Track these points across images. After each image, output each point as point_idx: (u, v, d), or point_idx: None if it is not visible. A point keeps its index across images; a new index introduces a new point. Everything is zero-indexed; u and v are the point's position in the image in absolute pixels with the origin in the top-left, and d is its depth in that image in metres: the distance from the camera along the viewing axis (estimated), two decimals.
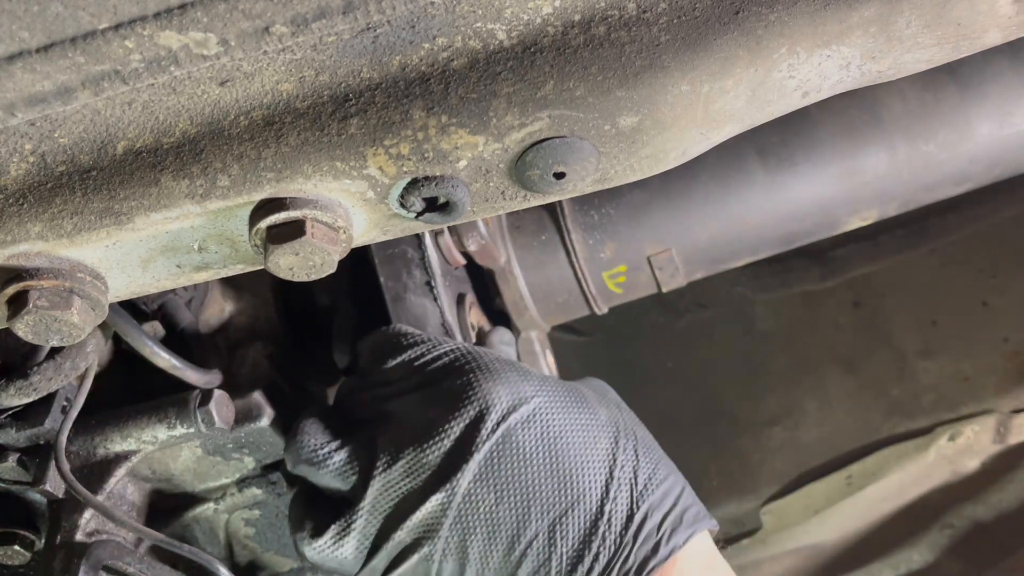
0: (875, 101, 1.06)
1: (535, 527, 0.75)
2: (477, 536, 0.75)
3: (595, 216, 1.09)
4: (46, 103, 0.49)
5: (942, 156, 1.06)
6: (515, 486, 0.75)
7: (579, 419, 0.79)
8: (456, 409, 0.76)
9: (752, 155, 1.08)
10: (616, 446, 0.78)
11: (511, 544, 0.75)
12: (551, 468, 0.75)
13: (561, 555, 0.74)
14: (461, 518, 0.75)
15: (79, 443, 0.80)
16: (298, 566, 1.00)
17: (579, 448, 0.77)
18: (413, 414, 0.78)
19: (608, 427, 0.80)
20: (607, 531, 0.75)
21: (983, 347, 1.40)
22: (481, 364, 0.80)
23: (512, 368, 0.80)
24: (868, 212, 1.10)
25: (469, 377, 0.78)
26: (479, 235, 1.01)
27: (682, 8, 0.53)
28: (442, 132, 0.53)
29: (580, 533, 0.75)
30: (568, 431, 0.77)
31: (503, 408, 0.76)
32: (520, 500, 0.75)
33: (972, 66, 1.05)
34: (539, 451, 0.76)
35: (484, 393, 0.76)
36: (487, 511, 0.75)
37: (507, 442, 0.75)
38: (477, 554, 0.75)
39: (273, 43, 0.48)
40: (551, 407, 0.78)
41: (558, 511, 0.75)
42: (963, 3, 0.54)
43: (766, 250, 1.12)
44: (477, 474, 0.75)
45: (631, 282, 1.11)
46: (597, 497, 0.75)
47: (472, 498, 0.75)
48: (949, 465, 1.38)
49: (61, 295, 0.56)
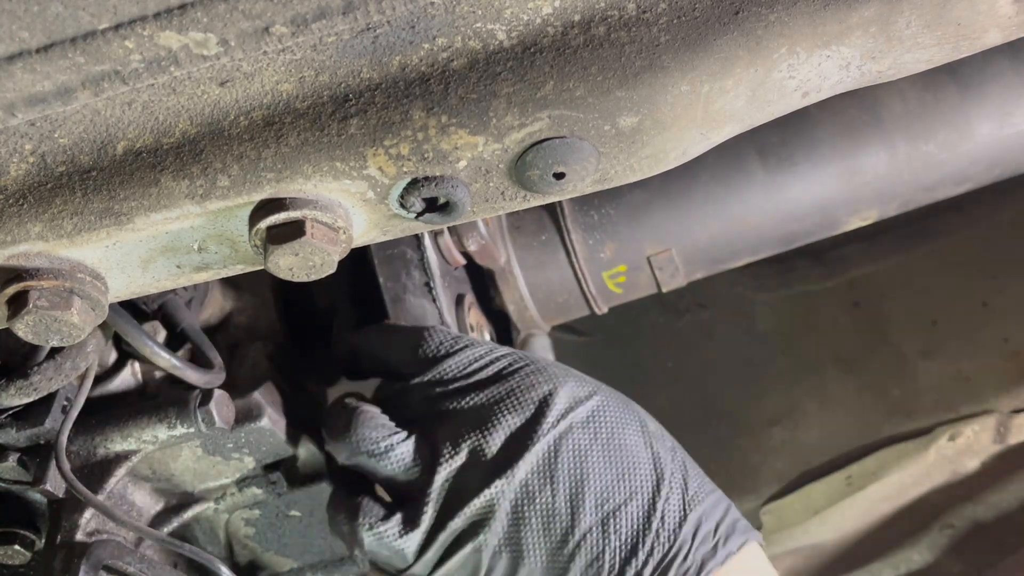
0: (875, 101, 1.06)
1: (589, 520, 0.76)
2: (531, 527, 0.76)
3: (595, 216, 1.09)
4: (46, 103, 0.49)
5: (942, 156, 1.06)
6: (571, 480, 0.76)
7: (632, 423, 0.81)
8: (518, 405, 0.78)
9: (752, 155, 1.08)
10: (666, 453, 0.81)
11: (565, 536, 0.76)
12: (606, 464, 0.77)
13: (615, 548, 0.76)
14: (516, 508, 0.76)
15: (79, 443, 0.80)
16: (298, 566, 1.00)
17: (633, 449, 0.79)
18: (474, 410, 0.80)
19: (658, 436, 0.82)
20: (661, 528, 0.76)
21: (983, 347, 1.40)
22: (541, 367, 0.82)
23: (569, 372, 0.83)
24: (868, 212, 1.10)
25: (530, 379, 0.81)
26: (479, 235, 1.01)
27: (682, 8, 0.53)
28: (442, 132, 0.53)
29: (634, 528, 0.76)
30: (622, 432, 0.80)
31: (563, 406, 0.78)
32: (575, 493, 0.76)
33: (972, 66, 1.05)
34: (595, 448, 0.78)
35: (545, 392, 0.79)
36: (543, 503, 0.76)
37: (565, 438, 0.77)
38: (530, 545, 0.76)
39: (273, 43, 0.48)
40: (607, 409, 0.81)
41: (612, 506, 0.76)
42: (963, 3, 0.54)
43: (766, 250, 1.12)
44: (535, 466, 0.76)
45: (631, 282, 1.12)
46: (650, 495, 0.77)
47: (528, 489, 0.76)
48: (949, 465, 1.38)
49: (61, 295, 0.56)
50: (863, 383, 1.46)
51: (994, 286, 1.40)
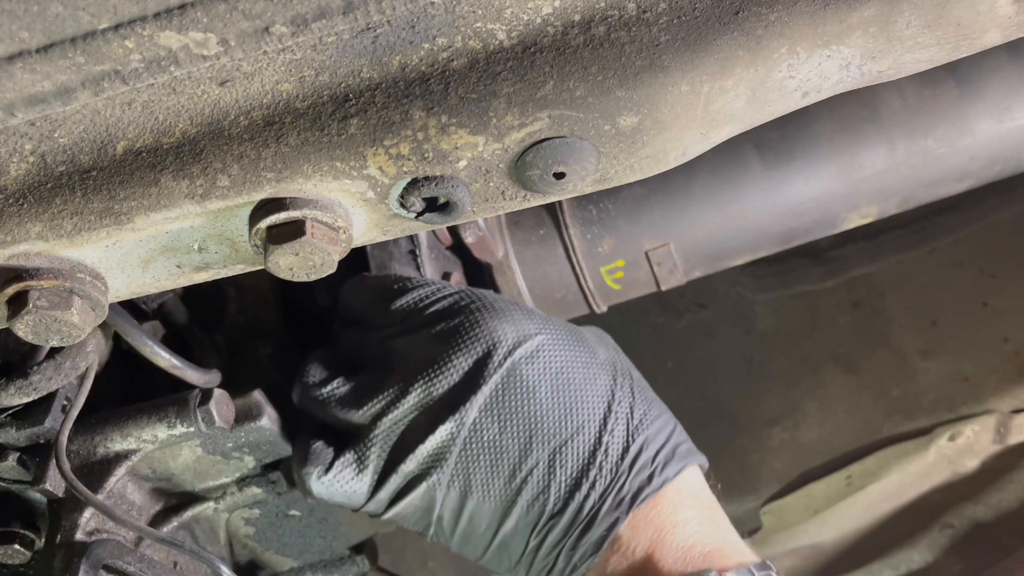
0: (874, 97, 1.06)
1: (536, 456, 0.77)
2: (481, 464, 0.77)
3: (593, 211, 1.09)
4: (46, 103, 0.49)
5: (941, 152, 1.06)
6: (519, 417, 0.78)
7: (580, 356, 0.82)
8: (464, 344, 0.79)
9: (751, 150, 1.07)
10: (614, 383, 0.81)
11: (513, 472, 0.77)
12: (553, 401, 0.78)
13: (560, 483, 0.77)
14: (467, 447, 0.77)
15: (79, 442, 0.80)
16: (298, 565, 1.00)
17: (580, 383, 0.80)
18: (420, 351, 0.80)
19: (606, 366, 0.83)
20: (604, 461, 0.77)
21: (983, 347, 1.39)
22: (487, 303, 0.82)
23: (516, 307, 0.83)
24: (868, 209, 1.10)
25: (476, 316, 0.81)
26: (476, 227, 1.01)
27: (682, 8, 0.53)
28: (442, 132, 0.53)
29: (579, 462, 0.77)
30: (570, 367, 0.80)
31: (509, 344, 0.79)
32: (523, 430, 0.77)
33: (971, 62, 1.04)
34: (542, 384, 0.78)
35: (491, 330, 0.79)
36: (491, 440, 0.77)
37: (512, 376, 0.78)
38: (480, 481, 0.78)
39: (273, 43, 0.48)
40: (554, 344, 0.81)
41: (558, 441, 0.78)
42: (963, 3, 0.54)
43: (766, 248, 1.12)
44: (483, 406, 0.77)
45: (629, 278, 1.11)
46: (596, 429, 0.78)
47: (478, 428, 0.77)
48: (949, 465, 1.38)
49: (61, 295, 0.56)
50: (863, 383, 1.46)
51: (994, 286, 1.40)
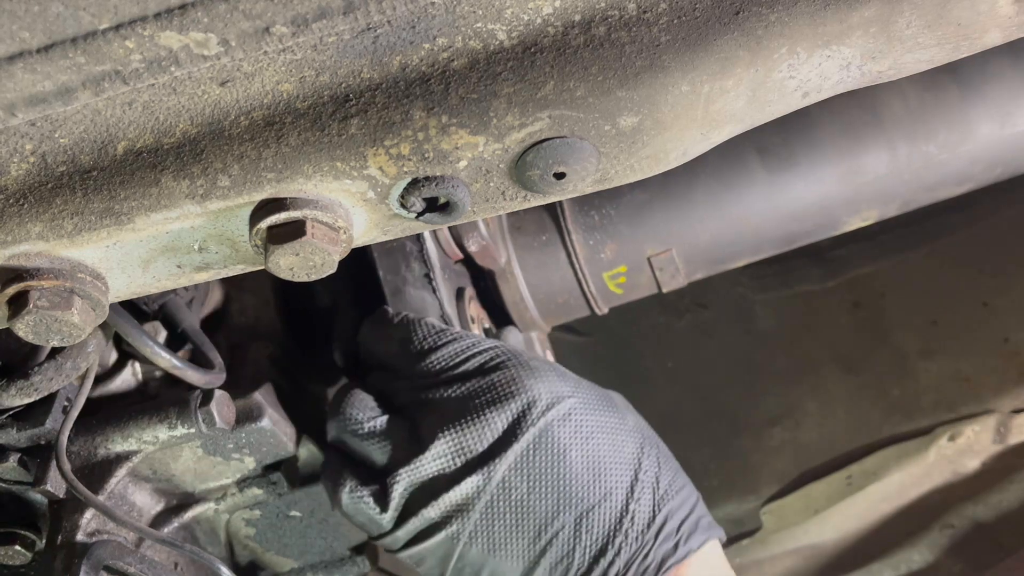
0: (876, 101, 1.06)
1: (563, 518, 0.78)
2: (506, 522, 0.78)
3: (595, 217, 1.09)
4: (47, 103, 0.49)
5: (943, 156, 1.06)
6: (548, 478, 0.78)
7: (610, 421, 0.83)
8: (499, 400, 0.80)
9: (753, 155, 1.08)
10: (642, 451, 0.82)
11: (538, 533, 0.78)
12: (583, 464, 0.79)
13: (585, 547, 0.78)
14: (493, 503, 0.78)
15: (80, 443, 0.80)
16: (298, 566, 1.00)
17: (609, 448, 0.81)
18: (456, 403, 0.81)
19: (635, 433, 0.84)
20: (631, 528, 0.78)
21: (983, 347, 1.40)
22: (523, 361, 0.83)
23: (551, 367, 0.84)
24: (869, 212, 1.10)
25: (512, 373, 0.82)
26: (479, 235, 1.01)
27: (682, 8, 0.53)
28: (442, 132, 0.53)
29: (605, 528, 0.78)
30: (600, 431, 0.81)
31: (544, 404, 0.80)
32: (551, 491, 0.78)
33: (973, 66, 1.05)
34: (573, 447, 0.79)
35: (527, 388, 0.80)
36: (519, 499, 0.78)
37: (544, 436, 0.79)
38: (503, 539, 0.78)
39: (273, 43, 0.48)
40: (585, 407, 0.82)
41: (586, 505, 0.78)
42: (963, 3, 0.54)
43: (767, 250, 1.13)
44: (513, 464, 0.78)
45: (631, 282, 1.12)
46: (623, 496, 0.79)
47: (506, 486, 0.78)
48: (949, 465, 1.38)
49: (61, 295, 0.56)
50: (863, 383, 1.46)
51: (994, 286, 1.40)
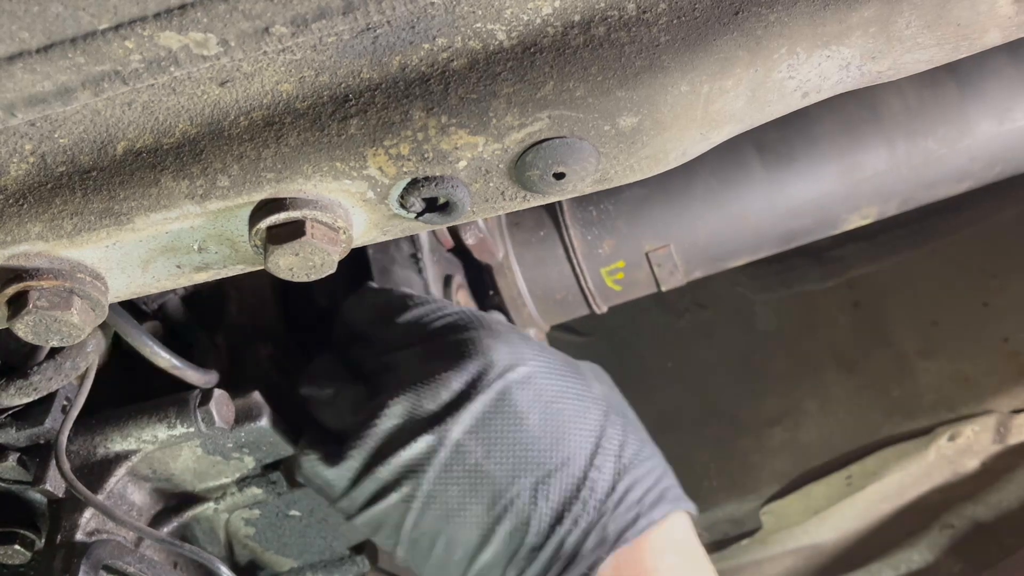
0: (874, 98, 1.06)
1: (520, 484, 0.76)
2: (461, 486, 0.76)
3: (594, 212, 1.09)
4: (46, 103, 0.49)
5: (942, 153, 1.05)
6: (504, 442, 0.76)
7: (573, 387, 0.80)
8: (457, 362, 0.78)
9: (751, 152, 1.07)
10: (606, 419, 0.80)
11: (494, 499, 0.76)
12: (542, 429, 0.77)
13: (542, 515, 0.76)
14: (448, 466, 0.76)
15: (79, 443, 0.80)
16: (298, 566, 1.00)
17: (570, 414, 0.78)
18: (414, 365, 0.80)
19: (599, 400, 0.81)
20: (589, 497, 0.76)
21: (983, 347, 1.40)
22: (485, 324, 0.82)
23: (514, 331, 0.83)
24: (868, 210, 1.10)
25: (472, 334, 0.80)
26: (477, 229, 1.01)
27: (682, 8, 0.53)
28: (442, 132, 0.53)
29: (563, 495, 0.76)
30: (562, 397, 0.79)
31: (503, 366, 0.78)
32: (508, 456, 0.76)
33: (971, 63, 1.04)
34: (533, 412, 0.77)
35: (485, 349, 0.79)
36: (474, 463, 0.76)
37: (502, 399, 0.77)
38: (458, 505, 0.76)
39: (273, 44, 0.48)
40: (549, 372, 0.80)
41: (544, 471, 0.76)
42: (963, 3, 0.54)
43: (766, 248, 1.12)
44: (470, 426, 0.76)
45: (630, 279, 1.11)
46: (583, 463, 0.77)
47: (461, 449, 0.76)
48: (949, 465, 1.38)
49: (61, 295, 0.56)
50: (863, 383, 1.46)
51: (994, 286, 1.40)
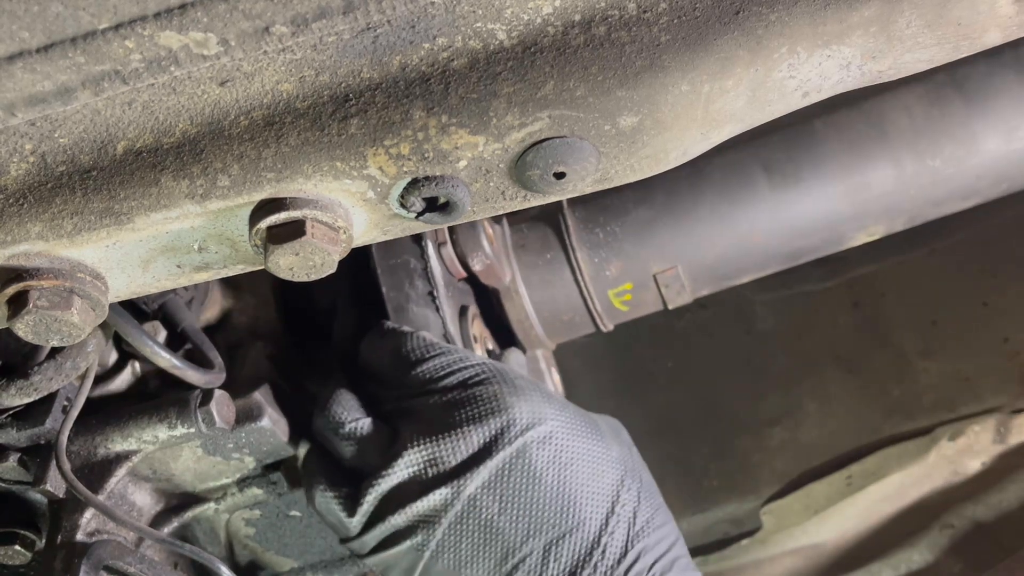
0: (881, 116, 1.05)
1: (532, 544, 0.77)
2: (473, 540, 0.77)
3: (600, 234, 1.08)
4: (46, 103, 0.49)
5: (949, 171, 1.04)
6: (520, 501, 0.77)
7: (592, 449, 0.81)
8: (478, 416, 0.79)
9: (758, 171, 1.07)
10: (621, 484, 0.81)
11: (505, 555, 0.77)
12: (558, 491, 0.77)
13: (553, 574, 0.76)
14: (462, 519, 0.77)
15: (80, 443, 0.80)
16: (298, 566, 1.00)
17: (587, 477, 0.79)
18: (436, 414, 0.81)
19: (617, 464, 0.82)
20: (600, 562, 0.76)
21: (983, 347, 1.40)
22: (507, 379, 0.82)
23: (536, 388, 0.83)
24: (875, 228, 1.09)
25: (495, 389, 0.81)
26: (483, 254, 1.00)
27: (682, 8, 0.53)
28: (442, 132, 0.53)
29: (574, 559, 0.76)
30: (579, 458, 0.79)
31: (523, 424, 0.78)
32: (522, 514, 0.77)
33: (978, 80, 1.04)
34: (549, 472, 0.78)
35: (508, 407, 0.79)
36: (488, 518, 0.77)
37: (520, 457, 0.77)
38: (469, 558, 0.77)
39: (273, 43, 0.48)
40: (567, 432, 0.80)
41: (556, 533, 0.77)
42: (963, 3, 0.54)
43: (773, 266, 1.11)
44: (486, 481, 0.77)
45: (637, 300, 1.11)
46: (596, 527, 0.77)
47: (476, 503, 0.76)
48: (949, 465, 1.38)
49: (61, 295, 0.56)
50: (863, 383, 1.46)
51: (994, 286, 1.40)
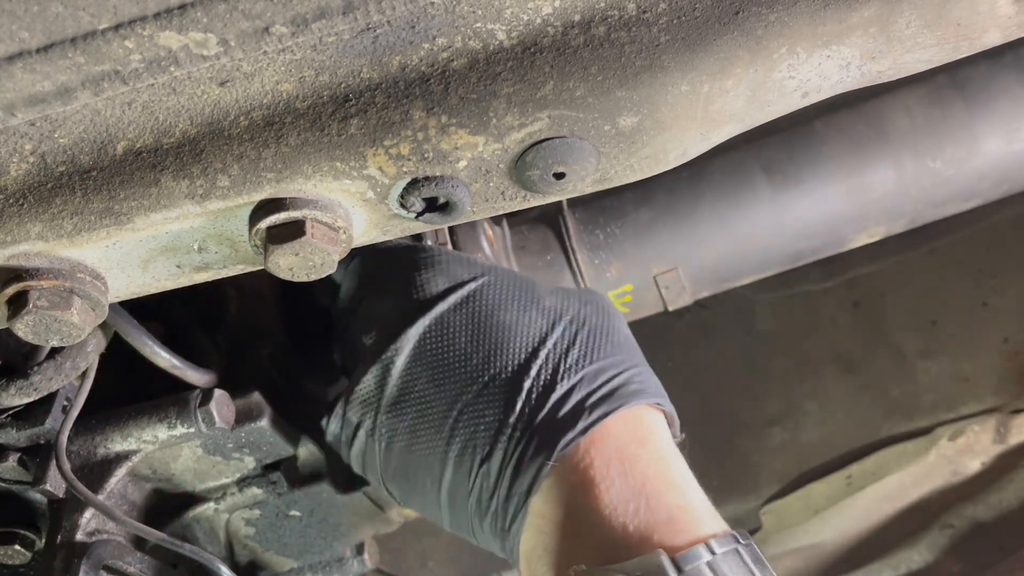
0: (882, 117, 1.05)
1: (461, 402, 0.75)
2: (411, 416, 0.77)
3: (600, 236, 1.08)
4: (46, 103, 0.49)
5: (950, 173, 1.04)
6: (442, 365, 0.76)
7: (516, 300, 0.79)
8: (398, 298, 0.80)
9: (758, 173, 1.06)
10: (553, 329, 0.77)
11: (441, 421, 0.75)
12: (476, 345, 0.76)
13: (483, 428, 0.73)
14: (397, 398, 0.77)
15: (79, 443, 0.80)
16: (298, 566, 1.00)
17: (507, 326, 0.77)
18: (367, 308, 0.84)
19: (549, 312, 0.79)
20: (525, 406, 0.73)
21: (983, 347, 1.40)
22: (427, 254, 0.83)
23: (455, 257, 0.83)
24: (876, 229, 1.09)
25: (413, 266, 0.82)
26: (483, 256, 1.00)
27: (682, 8, 0.53)
28: (442, 132, 0.53)
29: (499, 408, 0.73)
30: (499, 310, 0.78)
31: (438, 293, 0.79)
32: (447, 377, 0.76)
33: (979, 81, 1.04)
34: (467, 329, 0.77)
35: (423, 282, 0.80)
36: (420, 392, 0.77)
37: (439, 324, 0.78)
38: (410, 433, 0.77)
39: (273, 43, 0.48)
40: (487, 290, 0.80)
41: (479, 385, 0.75)
42: (963, 3, 0.54)
43: (773, 268, 1.11)
44: (411, 355, 0.77)
45: (637, 301, 1.10)
46: (516, 369, 0.74)
47: (408, 376, 0.77)
48: (949, 465, 1.38)
49: (61, 295, 0.56)
50: (863, 383, 1.46)
51: (994, 286, 1.40)
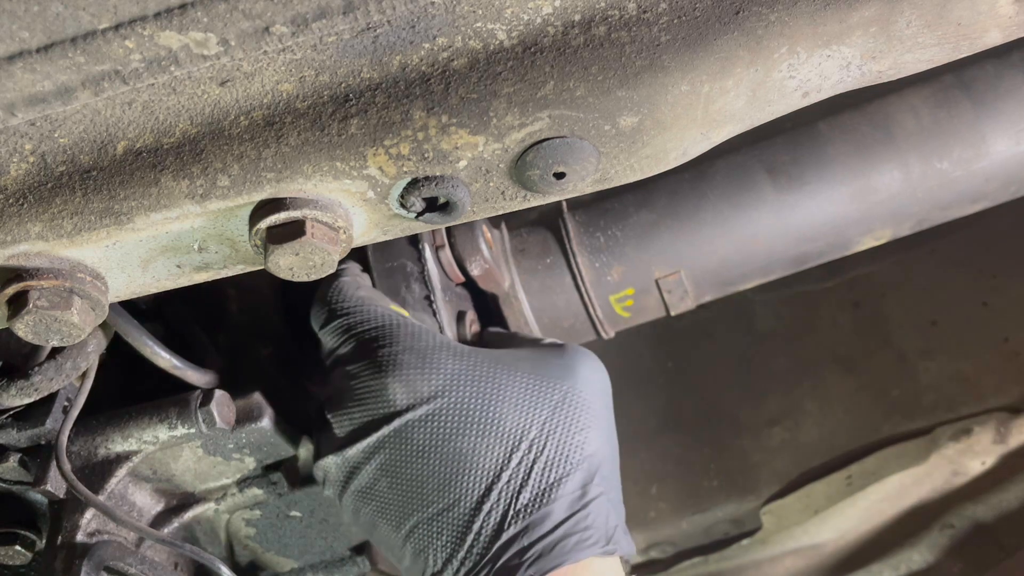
0: (887, 118, 1.03)
1: (416, 518, 0.78)
2: (372, 505, 0.80)
3: (601, 238, 1.06)
4: (46, 103, 0.49)
5: (957, 174, 1.02)
6: (402, 479, 0.78)
7: (475, 424, 0.78)
8: (363, 400, 0.80)
9: (762, 174, 1.04)
10: (509, 460, 0.77)
11: (399, 523, 0.79)
12: (432, 469, 0.78)
13: (436, 549, 0.77)
14: (362, 489, 0.80)
15: (80, 443, 0.80)
16: (298, 566, 1.00)
17: (464, 455, 0.77)
18: (334, 385, 0.84)
19: (508, 438, 0.78)
20: (475, 543, 0.76)
21: (983, 347, 1.39)
22: (394, 348, 0.81)
23: (423, 360, 0.81)
24: (882, 232, 1.06)
25: (380, 363, 0.81)
26: (482, 259, 0.98)
27: (682, 8, 0.53)
28: (442, 132, 0.53)
29: (451, 537, 0.77)
30: (456, 435, 0.78)
31: (403, 403, 0.78)
32: (406, 492, 0.78)
33: (986, 81, 1.02)
34: (424, 452, 0.78)
35: (384, 388, 0.79)
36: (381, 490, 0.79)
37: (399, 438, 0.78)
38: (370, 517, 0.80)
39: (273, 43, 0.48)
40: (445, 414, 0.78)
41: (434, 510, 0.77)
42: (963, 3, 0.54)
43: (777, 271, 1.09)
44: (373, 462, 0.79)
45: (639, 306, 1.08)
46: (471, 507, 0.76)
47: (369, 478, 0.80)
48: (949, 465, 1.38)
49: (61, 295, 0.56)
50: (863, 383, 1.46)
51: (994, 286, 1.40)
